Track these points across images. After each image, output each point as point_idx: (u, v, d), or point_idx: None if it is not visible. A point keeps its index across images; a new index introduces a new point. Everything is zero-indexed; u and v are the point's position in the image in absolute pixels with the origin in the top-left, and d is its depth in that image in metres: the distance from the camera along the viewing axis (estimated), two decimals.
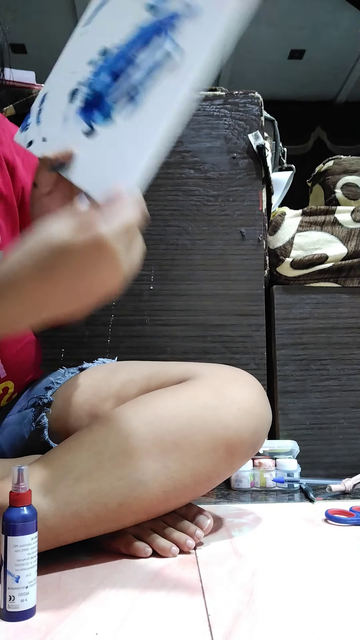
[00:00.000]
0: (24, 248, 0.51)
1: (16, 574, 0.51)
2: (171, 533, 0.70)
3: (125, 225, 0.50)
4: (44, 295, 0.51)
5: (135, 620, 0.51)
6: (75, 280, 0.50)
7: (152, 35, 0.60)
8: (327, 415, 1.19)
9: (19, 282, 0.50)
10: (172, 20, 0.60)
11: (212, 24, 0.58)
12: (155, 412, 0.68)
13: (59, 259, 0.49)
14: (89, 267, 0.50)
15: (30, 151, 0.66)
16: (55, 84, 0.67)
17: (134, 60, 0.61)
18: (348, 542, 0.74)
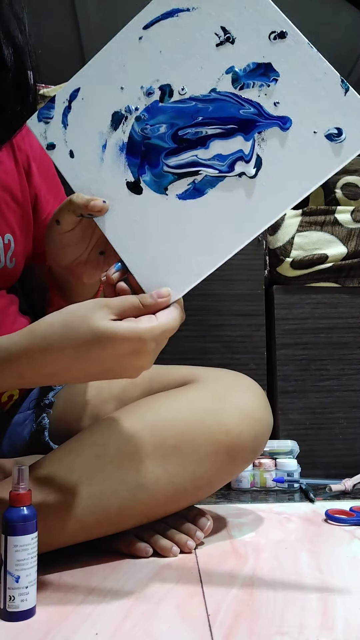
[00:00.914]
0: (65, 322, 0.50)
1: (16, 574, 0.51)
2: (172, 534, 0.70)
3: (166, 331, 0.51)
4: (67, 370, 0.52)
5: (135, 620, 0.51)
6: (103, 365, 0.51)
7: (233, 123, 0.54)
8: (327, 415, 1.19)
9: (53, 353, 0.50)
10: (261, 121, 0.53)
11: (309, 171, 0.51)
12: (156, 416, 0.68)
13: (97, 344, 0.49)
14: (120, 358, 0.51)
15: (50, 156, 0.60)
16: (92, 84, 0.59)
17: (205, 140, 0.55)
18: (348, 542, 0.74)
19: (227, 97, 0.54)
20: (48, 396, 0.83)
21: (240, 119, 0.53)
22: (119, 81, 0.58)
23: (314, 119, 0.51)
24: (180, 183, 0.56)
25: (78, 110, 0.59)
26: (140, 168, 0.57)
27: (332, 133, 0.50)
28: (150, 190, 0.57)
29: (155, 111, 0.56)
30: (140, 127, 0.57)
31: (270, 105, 0.53)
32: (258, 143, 0.53)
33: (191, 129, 0.55)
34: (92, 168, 0.58)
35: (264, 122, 0.53)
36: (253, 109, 0.53)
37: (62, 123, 0.60)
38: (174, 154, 0.56)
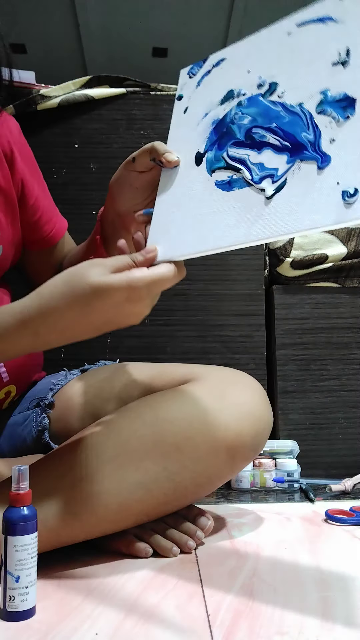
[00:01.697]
0: (67, 281, 0.56)
1: (16, 574, 0.51)
2: (172, 534, 0.70)
3: (158, 280, 0.56)
4: (76, 324, 0.56)
5: (135, 620, 0.51)
6: (105, 315, 0.56)
7: (290, 141, 0.55)
8: (327, 415, 1.19)
9: (60, 309, 0.55)
10: (309, 151, 0.53)
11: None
12: (156, 414, 0.68)
13: (95, 296, 0.54)
14: (118, 306, 0.55)
15: (175, 106, 0.67)
16: (234, 59, 0.63)
17: (262, 145, 0.57)
18: (348, 542, 0.74)
19: (304, 115, 0.55)
20: (48, 396, 0.83)
21: (297, 141, 0.54)
22: (250, 65, 0.61)
23: (348, 171, 0.50)
24: (224, 172, 0.59)
25: (213, 77, 0.64)
26: (212, 145, 0.61)
27: (348, 191, 0.50)
28: (204, 167, 0.61)
29: (252, 102, 0.59)
30: (236, 110, 0.60)
31: (327, 139, 0.52)
32: (294, 169, 0.54)
33: (261, 131, 0.58)
34: (188, 128, 0.64)
35: (310, 153, 0.53)
36: (312, 136, 0.53)
37: (197, 82, 0.65)
38: (237, 145, 0.59)
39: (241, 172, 0.58)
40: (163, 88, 1.23)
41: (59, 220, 0.89)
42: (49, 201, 0.87)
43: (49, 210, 0.86)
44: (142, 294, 0.55)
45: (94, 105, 1.21)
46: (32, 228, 0.84)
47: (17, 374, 0.82)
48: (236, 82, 0.62)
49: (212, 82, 0.64)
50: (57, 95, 1.18)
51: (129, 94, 1.22)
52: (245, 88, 0.60)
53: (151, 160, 0.65)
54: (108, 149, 1.21)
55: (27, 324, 0.56)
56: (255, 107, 0.59)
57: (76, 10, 2.85)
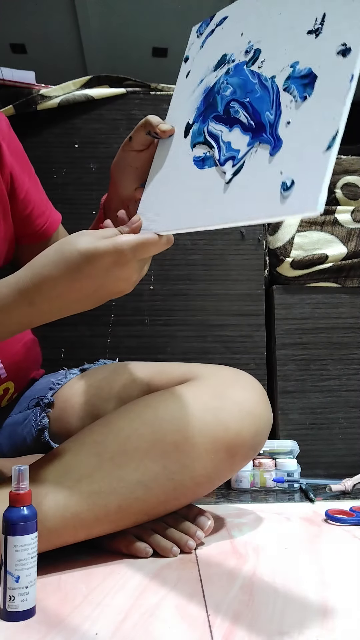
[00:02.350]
0: (57, 250, 0.58)
1: (16, 574, 0.51)
2: (172, 533, 0.70)
3: (143, 244, 0.57)
4: (69, 290, 0.58)
5: (135, 620, 0.51)
6: (95, 281, 0.57)
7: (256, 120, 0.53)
8: (327, 415, 1.19)
9: (53, 277, 0.57)
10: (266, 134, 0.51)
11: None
12: (156, 413, 0.68)
13: (85, 262, 0.56)
14: (106, 271, 0.57)
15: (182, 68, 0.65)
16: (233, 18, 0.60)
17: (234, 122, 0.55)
18: (348, 542, 0.74)
19: (272, 91, 0.52)
20: (47, 395, 0.83)
21: (260, 121, 0.52)
22: (244, 26, 0.58)
23: (291, 159, 0.48)
24: (202, 148, 0.58)
25: (214, 38, 0.61)
26: (199, 116, 0.60)
27: (285, 182, 0.47)
28: (189, 140, 0.60)
29: (237, 71, 0.57)
30: (223, 79, 0.58)
31: (284, 121, 0.50)
32: (252, 152, 0.52)
33: (237, 105, 0.55)
34: (186, 95, 0.63)
35: (266, 136, 0.51)
36: (273, 117, 0.51)
37: (202, 43, 0.63)
38: (216, 120, 0.57)
39: (213, 150, 0.57)
40: (163, 88, 1.23)
41: (52, 214, 0.88)
42: (40, 195, 0.86)
43: (41, 204, 0.85)
44: (129, 257, 0.57)
45: (94, 105, 1.21)
46: (24, 222, 0.83)
47: (14, 370, 0.82)
48: (230, 45, 0.59)
49: (212, 44, 0.62)
50: (57, 95, 1.18)
51: (129, 94, 1.22)
52: (236, 53, 0.58)
53: (147, 134, 0.66)
54: (108, 149, 1.21)
55: (23, 293, 0.58)
56: (238, 76, 0.57)
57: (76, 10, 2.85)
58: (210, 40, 0.62)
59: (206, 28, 0.64)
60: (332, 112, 0.45)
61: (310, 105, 0.48)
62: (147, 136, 0.66)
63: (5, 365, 0.80)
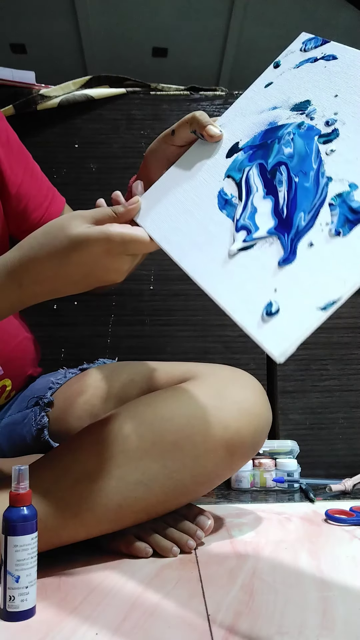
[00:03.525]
0: (46, 232, 0.56)
1: (16, 574, 0.51)
2: (172, 533, 0.70)
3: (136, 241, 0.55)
4: (57, 275, 0.56)
5: (135, 620, 0.51)
6: (83, 268, 0.55)
7: (285, 213, 0.50)
8: (327, 415, 1.19)
9: (40, 260, 0.55)
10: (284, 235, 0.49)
11: None
12: (155, 412, 0.68)
13: (73, 248, 0.54)
14: (96, 259, 0.55)
15: (266, 72, 0.62)
16: (333, 66, 0.56)
17: (270, 191, 0.53)
18: (348, 542, 0.74)
19: (319, 195, 0.49)
20: (47, 395, 0.83)
21: (290, 218, 0.50)
22: (341, 87, 0.54)
23: (291, 287, 0.46)
24: (232, 186, 0.56)
25: (311, 70, 0.57)
26: (250, 148, 0.57)
27: (271, 306, 0.46)
28: (227, 164, 0.58)
29: (307, 137, 0.54)
30: (292, 130, 0.55)
31: (308, 240, 0.47)
32: (267, 240, 0.50)
33: (284, 175, 0.53)
34: (253, 109, 0.60)
35: (286, 240, 0.49)
36: (303, 225, 0.49)
37: (299, 63, 0.59)
38: (261, 171, 0.55)
39: (239, 204, 0.54)
40: (163, 88, 1.23)
41: (52, 204, 0.84)
42: (39, 185, 0.83)
43: (38, 196, 0.82)
44: (119, 250, 0.55)
45: (94, 105, 1.21)
46: (20, 217, 0.81)
47: (11, 368, 0.82)
48: (320, 96, 0.55)
49: (306, 77, 0.57)
50: (57, 95, 1.18)
51: (129, 94, 1.22)
52: (318, 112, 0.54)
53: (192, 132, 0.62)
54: (108, 149, 1.21)
55: (11, 275, 0.57)
56: (305, 143, 0.53)
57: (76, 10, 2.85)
58: (307, 69, 0.58)
59: (313, 49, 0.59)
60: (348, 273, 0.44)
61: (336, 248, 0.46)
62: (191, 134, 0.62)
63: (2, 362, 0.80)
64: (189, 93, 1.21)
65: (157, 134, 1.25)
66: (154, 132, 1.21)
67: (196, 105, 1.21)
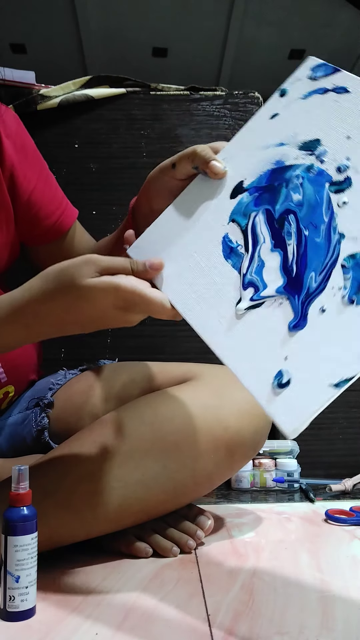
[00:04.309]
0: (57, 277, 0.53)
1: (16, 574, 0.51)
2: (172, 533, 0.70)
3: (145, 301, 0.52)
4: (65, 320, 0.55)
5: (135, 620, 0.51)
6: (92, 316, 0.54)
7: (297, 270, 0.48)
8: (327, 415, 1.19)
9: (49, 306, 0.54)
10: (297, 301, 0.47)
11: None
12: (155, 413, 0.68)
13: (80, 299, 0.52)
14: (105, 311, 0.53)
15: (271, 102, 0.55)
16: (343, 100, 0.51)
17: (279, 245, 0.50)
18: (348, 542, 0.74)
19: (331, 255, 0.47)
20: (47, 396, 0.83)
21: (300, 278, 0.47)
22: (356, 131, 0.50)
23: (302, 357, 0.45)
24: (237, 233, 0.52)
25: (320, 103, 0.52)
26: (255, 190, 0.53)
27: (282, 376, 0.44)
28: (232, 206, 0.54)
29: (318, 183, 0.50)
30: (301, 174, 0.51)
31: (319, 305, 0.45)
32: (276, 299, 0.48)
33: (293, 226, 0.49)
34: (257, 143, 0.54)
35: (296, 303, 0.46)
36: (314, 286, 0.46)
37: (306, 93, 0.53)
38: (268, 219, 0.51)
39: (245, 256, 0.51)
40: (163, 88, 1.23)
41: (65, 212, 0.84)
42: (52, 193, 0.82)
43: (50, 204, 0.82)
44: (129, 307, 0.53)
45: (94, 105, 1.21)
46: (31, 224, 0.80)
47: (15, 374, 0.82)
48: (330, 136, 0.50)
49: (315, 110, 0.52)
50: (57, 95, 1.18)
51: (129, 94, 1.22)
52: (329, 155, 0.50)
53: (193, 168, 0.59)
54: (108, 149, 1.21)
55: (18, 314, 0.55)
56: (315, 191, 0.49)
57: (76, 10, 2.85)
58: (317, 102, 0.52)
59: (321, 78, 0.53)
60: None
61: (350, 318, 0.44)
62: (192, 169, 0.59)
63: (6, 370, 0.79)
64: (189, 93, 1.21)
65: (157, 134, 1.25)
66: (154, 132, 1.21)
67: (196, 105, 1.21)
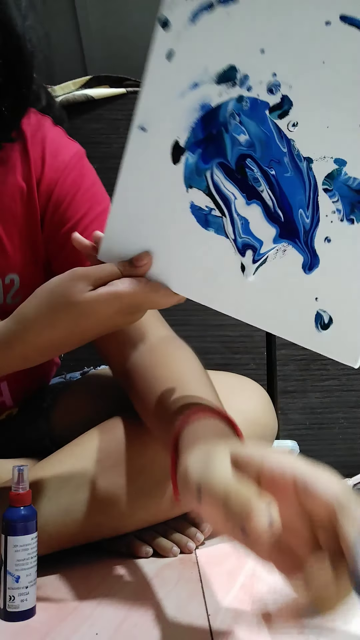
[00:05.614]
0: (50, 303, 0.51)
1: (16, 574, 0.51)
2: (172, 534, 0.70)
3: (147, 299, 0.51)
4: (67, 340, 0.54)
5: (135, 620, 0.51)
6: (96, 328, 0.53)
7: (284, 213, 0.45)
8: (327, 415, 1.19)
9: (48, 332, 0.52)
10: (299, 242, 0.44)
11: None
12: None
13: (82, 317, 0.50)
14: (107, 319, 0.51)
15: (158, 37, 0.44)
16: (249, 22, 0.42)
17: (253, 195, 0.46)
18: None
19: (308, 182, 0.43)
20: (47, 399, 0.82)
21: (291, 219, 0.44)
22: (268, 40, 0.41)
23: (331, 291, 0.43)
24: (202, 198, 0.47)
25: (214, 22, 0.43)
26: (196, 145, 0.46)
27: (322, 317, 0.43)
28: (181, 172, 0.47)
29: (255, 113, 0.43)
30: (234, 109, 0.44)
31: (323, 235, 0.43)
32: (278, 249, 0.45)
33: (256, 170, 0.44)
34: (170, 90, 0.46)
35: (300, 245, 0.44)
36: (308, 222, 0.43)
37: (192, 15, 0.43)
38: (225, 172, 0.46)
39: (224, 219, 0.47)
40: None
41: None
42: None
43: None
44: (133, 309, 0.52)
45: (94, 105, 1.21)
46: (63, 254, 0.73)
47: (21, 398, 0.80)
48: (242, 58, 0.43)
49: (212, 32, 0.43)
50: (57, 95, 1.18)
51: (129, 94, 1.22)
52: (252, 78, 0.43)
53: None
54: (108, 149, 1.21)
55: (14, 349, 0.53)
56: (257, 123, 0.44)
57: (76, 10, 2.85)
58: (208, 21, 0.43)
59: None
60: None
61: (356, 235, 0.41)
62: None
63: (13, 396, 0.77)
64: None
65: None
66: None
67: None
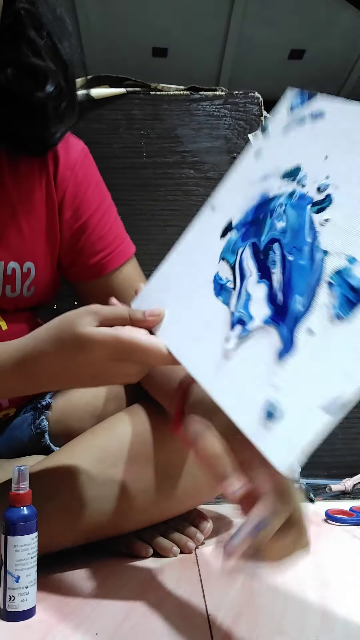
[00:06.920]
0: (59, 327, 0.52)
1: (16, 574, 0.51)
2: (172, 534, 0.70)
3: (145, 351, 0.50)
4: (64, 372, 0.53)
5: (135, 620, 0.51)
6: (90, 369, 0.52)
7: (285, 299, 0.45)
8: None
9: (50, 356, 0.52)
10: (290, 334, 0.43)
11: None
12: None
13: (79, 349, 0.50)
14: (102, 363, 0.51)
15: (256, 140, 0.54)
16: (324, 133, 0.48)
17: (264, 274, 0.47)
18: (348, 542, 0.74)
19: (316, 273, 0.43)
20: (46, 398, 0.82)
21: (286, 305, 0.44)
22: (332, 148, 0.46)
23: (289, 385, 0.41)
24: (226, 271, 0.50)
25: (301, 132, 0.50)
26: (242, 225, 0.51)
27: (271, 408, 0.41)
28: (221, 246, 0.52)
29: (299, 207, 0.47)
30: (284, 202, 0.48)
31: (307, 326, 0.42)
32: (263, 329, 0.45)
33: (277, 254, 0.47)
34: (245, 181, 0.53)
35: (282, 329, 0.43)
36: (302, 311, 0.42)
37: (286, 124, 0.51)
38: (254, 252, 0.49)
39: (232, 292, 0.49)
40: (163, 88, 1.23)
41: (112, 254, 0.77)
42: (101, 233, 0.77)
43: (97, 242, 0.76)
44: (126, 357, 0.50)
45: (94, 105, 1.21)
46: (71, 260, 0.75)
47: (17, 399, 0.80)
48: (309, 160, 0.48)
49: (294, 140, 0.50)
50: None
51: (129, 94, 1.22)
52: (309, 178, 0.47)
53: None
54: (108, 149, 1.21)
55: (21, 365, 0.54)
56: (297, 215, 0.46)
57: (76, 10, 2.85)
58: (296, 132, 0.50)
59: (300, 107, 0.51)
60: (353, 366, 0.38)
61: (337, 335, 0.40)
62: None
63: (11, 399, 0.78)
64: (189, 93, 1.21)
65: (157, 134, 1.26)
66: (154, 132, 1.21)
67: (196, 105, 1.21)
